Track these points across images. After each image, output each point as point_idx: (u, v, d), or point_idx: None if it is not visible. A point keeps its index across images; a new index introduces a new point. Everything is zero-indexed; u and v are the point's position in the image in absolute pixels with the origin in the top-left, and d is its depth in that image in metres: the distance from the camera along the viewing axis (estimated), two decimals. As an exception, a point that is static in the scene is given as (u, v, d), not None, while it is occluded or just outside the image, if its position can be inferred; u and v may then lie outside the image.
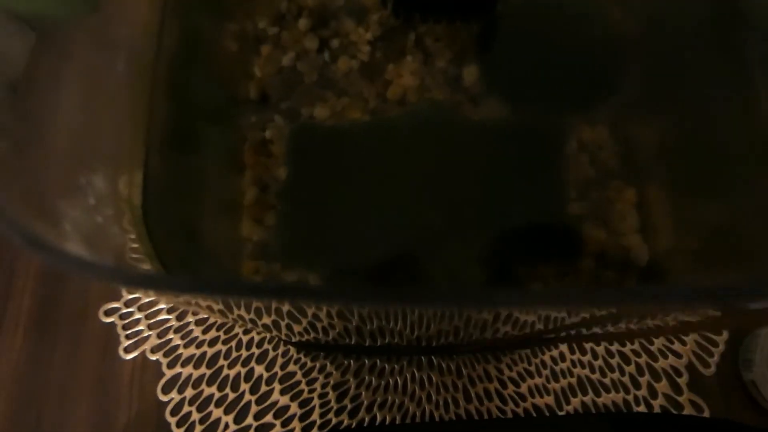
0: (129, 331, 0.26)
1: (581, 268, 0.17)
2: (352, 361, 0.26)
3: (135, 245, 0.10)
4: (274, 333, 0.22)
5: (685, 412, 0.26)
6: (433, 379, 0.26)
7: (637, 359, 0.28)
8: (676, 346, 0.28)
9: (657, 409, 0.27)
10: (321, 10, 0.22)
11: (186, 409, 0.25)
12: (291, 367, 0.26)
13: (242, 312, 0.14)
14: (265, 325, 0.19)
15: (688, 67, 0.17)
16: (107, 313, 0.27)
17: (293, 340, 0.24)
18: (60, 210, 0.07)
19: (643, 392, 0.27)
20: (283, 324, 0.19)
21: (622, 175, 0.19)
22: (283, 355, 0.26)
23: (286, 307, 0.16)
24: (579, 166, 0.19)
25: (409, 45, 0.22)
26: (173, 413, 0.25)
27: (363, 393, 0.25)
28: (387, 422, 0.24)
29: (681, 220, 0.17)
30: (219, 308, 0.13)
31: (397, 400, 0.25)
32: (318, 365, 0.26)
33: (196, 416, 0.25)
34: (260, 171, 0.20)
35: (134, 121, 0.12)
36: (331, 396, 0.25)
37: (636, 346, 0.28)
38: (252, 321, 0.16)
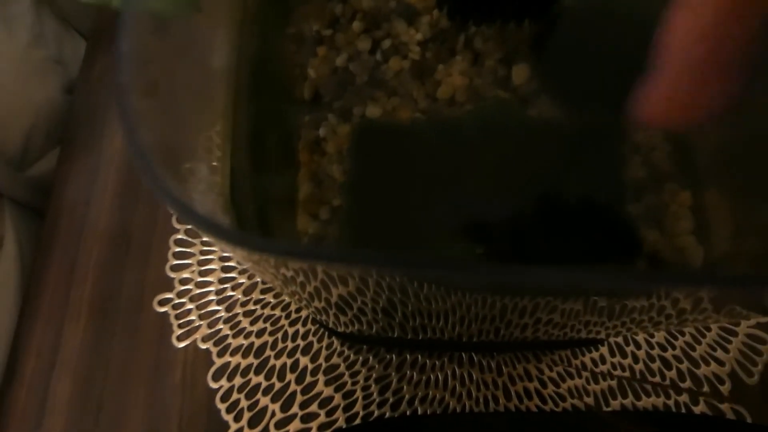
0: (181, 321, 0.27)
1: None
2: (394, 356, 0.26)
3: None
4: (323, 318, 0.23)
5: (728, 420, 0.26)
6: (474, 376, 0.26)
7: (678, 365, 0.27)
8: (719, 353, 0.28)
9: (698, 417, 0.26)
10: (374, 12, 0.22)
11: (235, 396, 0.26)
12: (335, 360, 0.26)
13: (298, 288, 0.15)
14: (316, 309, 0.19)
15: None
16: (161, 303, 0.28)
17: (339, 330, 0.25)
18: (186, 191, 0.08)
19: (683, 398, 0.27)
20: (331, 312, 0.20)
21: (677, 178, 0.18)
22: (327, 347, 0.27)
23: (334, 297, 0.17)
24: (632, 167, 0.19)
25: (459, 46, 0.22)
26: (223, 400, 0.26)
27: (405, 387, 0.26)
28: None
29: (739, 224, 0.17)
30: (282, 278, 0.13)
31: (438, 396, 0.26)
32: (361, 359, 0.26)
33: (244, 403, 0.25)
34: (314, 168, 0.21)
35: (224, 120, 0.13)
36: (374, 389, 0.26)
37: (678, 352, 0.28)
38: (306, 300, 0.17)
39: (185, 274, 0.29)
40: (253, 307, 0.28)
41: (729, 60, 0.08)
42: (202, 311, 0.28)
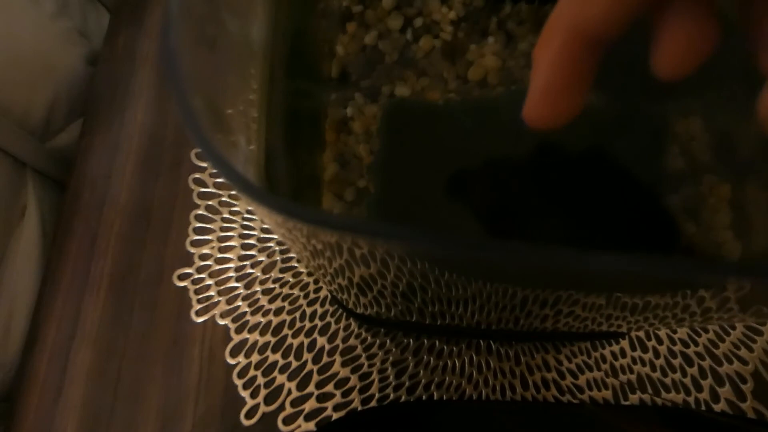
0: (200, 296, 0.28)
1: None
2: (411, 340, 0.26)
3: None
4: (343, 297, 0.22)
5: (748, 420, 0.25)
6: (491, 364, 0.26)
7: (700, 362, 0.27)
8: (743, 352, 0.27)
9: (717, 415, 0.26)
10: (407, -12, 0.21)
11: (252, 373, 0.26)
12: (352, 342, 0.26)
13: (325, 262, 0.14)
14: (339, 286, 0.19)
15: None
16: (181, 278, 0.28)
17: (357, 311, 0.25)
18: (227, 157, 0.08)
19: (704, 395, 0.26)
20: (352, 292, 0.20)
21: (716, 170, 0.18)
22: (345, 329, 0.27)
23: (356, 277, 0.16)
24: (670, 158, 0.18)
25: (492, 26, 0.21)
26: (240, 376, 0.26)
27: (421, 372, 0.26)
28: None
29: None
30: (311, 249, 0.13)
31: (454, 382, 0.25)
32: (378, 342, 0.26)
33: (261, 380, 0.26)
34: (341, 148, 0.20)
35: (260, 94, 0.13)
36: (390, 372, 0.26)
37: (700, 349, 0.27)
38: (331, 276, 0.17)
39: (205, 250, 0.29)
40: (271, 286, 0.28)
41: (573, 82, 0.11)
42: (221, 287, 0.28)
